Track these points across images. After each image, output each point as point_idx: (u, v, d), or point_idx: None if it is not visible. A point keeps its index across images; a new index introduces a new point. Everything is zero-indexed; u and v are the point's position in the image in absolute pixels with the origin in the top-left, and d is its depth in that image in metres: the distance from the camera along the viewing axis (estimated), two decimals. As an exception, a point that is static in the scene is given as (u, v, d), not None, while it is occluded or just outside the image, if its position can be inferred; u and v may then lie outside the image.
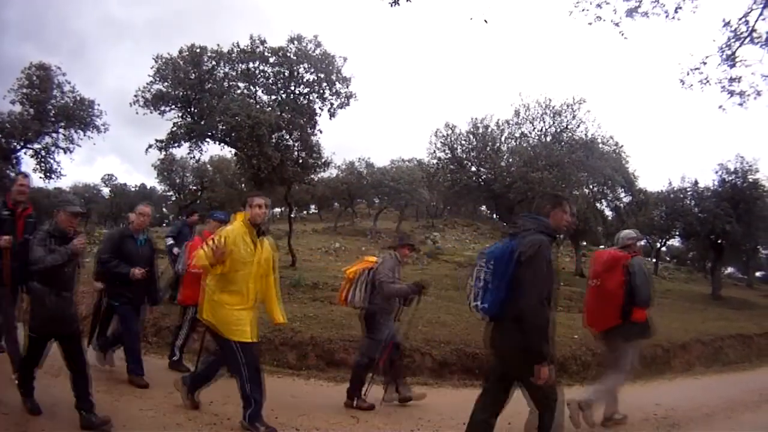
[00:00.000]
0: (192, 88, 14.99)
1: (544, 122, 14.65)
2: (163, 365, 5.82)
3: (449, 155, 15.40)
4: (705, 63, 9.85)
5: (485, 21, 13.86)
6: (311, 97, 15.57)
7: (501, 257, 3.08)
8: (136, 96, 15.05)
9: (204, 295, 4.05)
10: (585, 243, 25.57)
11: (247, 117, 13.80)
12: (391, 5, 8.14)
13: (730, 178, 18.24)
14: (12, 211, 4.74)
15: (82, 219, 4.29)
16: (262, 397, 3.95)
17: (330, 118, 15.78)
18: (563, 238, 32.59)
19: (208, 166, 33.32)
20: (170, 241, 7.71)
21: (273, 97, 15.36)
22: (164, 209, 45.29)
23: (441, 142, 15.41)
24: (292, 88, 15.41)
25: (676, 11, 9.12)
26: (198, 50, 15.02)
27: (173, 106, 15.20)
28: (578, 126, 14.48)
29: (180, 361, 5.78)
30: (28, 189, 4.95)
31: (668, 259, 39.42)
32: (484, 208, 38.83)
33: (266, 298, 4.17)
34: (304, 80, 15.36)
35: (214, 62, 15.24)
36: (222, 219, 5.70)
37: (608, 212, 20.83)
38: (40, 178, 19.80)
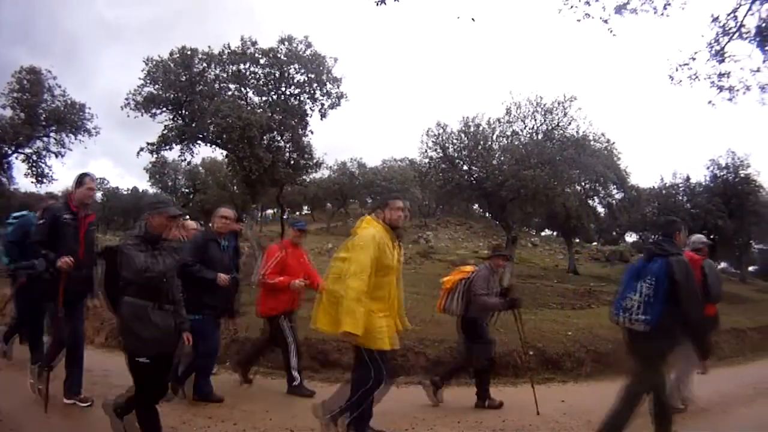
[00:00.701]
0: (183, 90, 14.93)
1: (535, 120, 14.65)
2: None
3: (441, 154, 15.40)
4: (694, 59, 9.90)
5: (472, 19, 13.79)
6: (302, 98, 15.55)
7: (660, 276, 3.60)
8: (127, 99, 15.01)
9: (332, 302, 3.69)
10: (578, 240, 25.66)
11: (238, 118, 13.76)
12: (377, 4, 8.14)
13: (722, 174, 18.38)
14: (75, 215, 4.31)
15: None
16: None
17: (321, 119, 15.81)
18: (557, 236, 32.79)
19: (200, 168, 33.22)
20: None
21: (264, 98, 15.32)
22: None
23: (432, 141, 15.42)
24: (283, 89, 15.38)
25: (665, 7, 9.17)
26: (188, 52, 14.97)
27: (164, 109, 15.15)
28: (569, 123, 14.50)
29: (301, 384, 5.34)
30: (96, 192, 4.53)
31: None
32: (476, 206, 38.84)
33: (394, 303, 3.88)
34: (295, 81, 15.34)
35: (204, 64, 15.20)
36: (304, 228, 5.64)
37: (600, 209, 20.88)
38: (32, 182, 19.79)
